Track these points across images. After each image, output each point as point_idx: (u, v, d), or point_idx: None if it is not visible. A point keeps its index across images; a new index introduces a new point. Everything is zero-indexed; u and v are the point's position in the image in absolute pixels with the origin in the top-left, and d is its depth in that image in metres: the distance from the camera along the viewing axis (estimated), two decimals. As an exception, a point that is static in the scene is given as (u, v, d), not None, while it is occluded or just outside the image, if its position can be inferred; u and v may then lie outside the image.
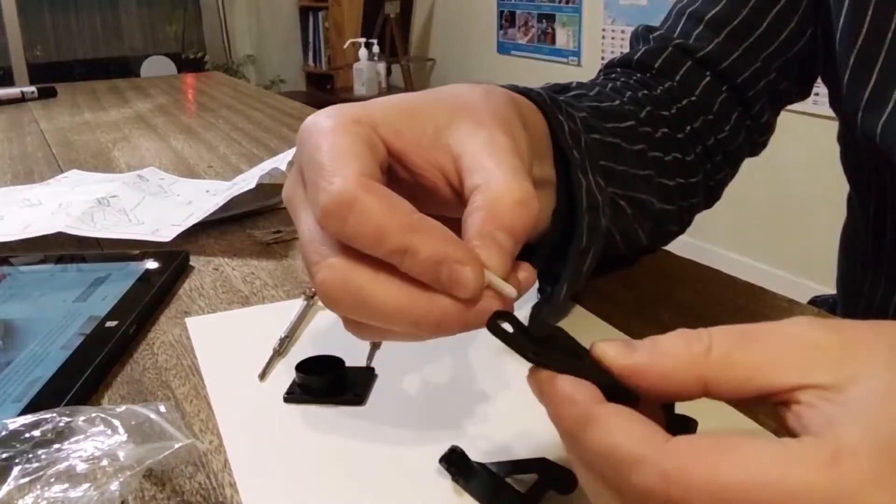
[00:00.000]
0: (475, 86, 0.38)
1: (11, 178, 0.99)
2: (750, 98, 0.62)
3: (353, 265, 0.30)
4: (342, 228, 0.29)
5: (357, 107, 0.34)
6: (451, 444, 0.37)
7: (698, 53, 0.61)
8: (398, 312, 0.30)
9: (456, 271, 0.29)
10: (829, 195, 2.35)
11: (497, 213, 0.31)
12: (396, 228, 0.29)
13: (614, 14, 3.13)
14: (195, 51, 4.73)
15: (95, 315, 0.54)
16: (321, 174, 0.30)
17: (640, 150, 0.55)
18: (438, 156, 0.34)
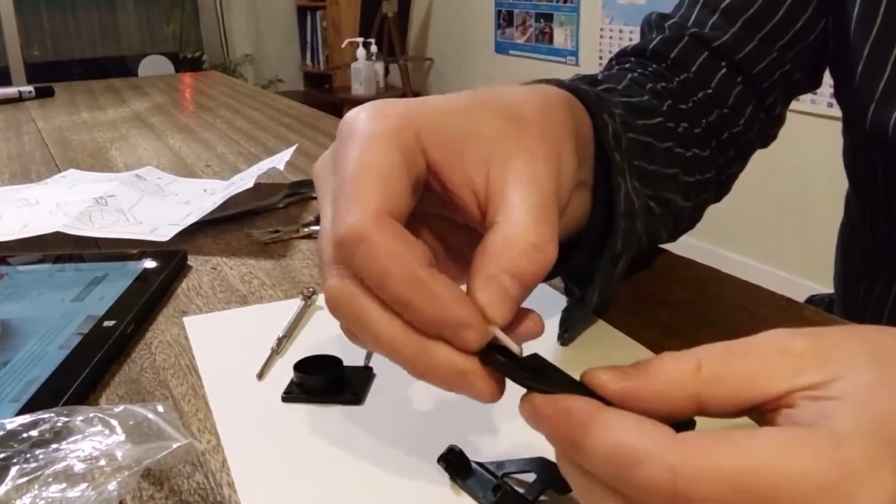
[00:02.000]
0: (535, 92, 0.36)
1: (9, 178, 0.99)
2: (764, 89, 0.62)
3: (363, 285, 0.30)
4: (349, 261, 0.29)
5: (405, 107, 0.33)
6: (448, 443, 0.37)
7: (714, 43, 0.60)
8: (389, 345, 0.29)
9: (457, 334, 0.28)
10: (827, 195, 2.35)
11: (508, 256, 0.30)
12: (400, 279, 0.28)
13: (612, 13, 3.13)
14: (193, 50, 4.73)
15: (93, 315, 0.53)
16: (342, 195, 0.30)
17: (667, 147, 0.54)
18: (474, 173, 0.32)
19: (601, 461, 0.25)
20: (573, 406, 0.26)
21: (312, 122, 1.30)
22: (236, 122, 1.33)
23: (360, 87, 4.11)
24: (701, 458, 0.23)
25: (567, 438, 0.26)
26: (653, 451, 0.24)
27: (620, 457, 0.24)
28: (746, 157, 0.65)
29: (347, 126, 0.32)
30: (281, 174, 0.89)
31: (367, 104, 0.33)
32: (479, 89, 0.36)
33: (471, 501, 0.36)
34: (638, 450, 0.24)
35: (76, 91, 1.72)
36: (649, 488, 0.23)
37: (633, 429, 0.25)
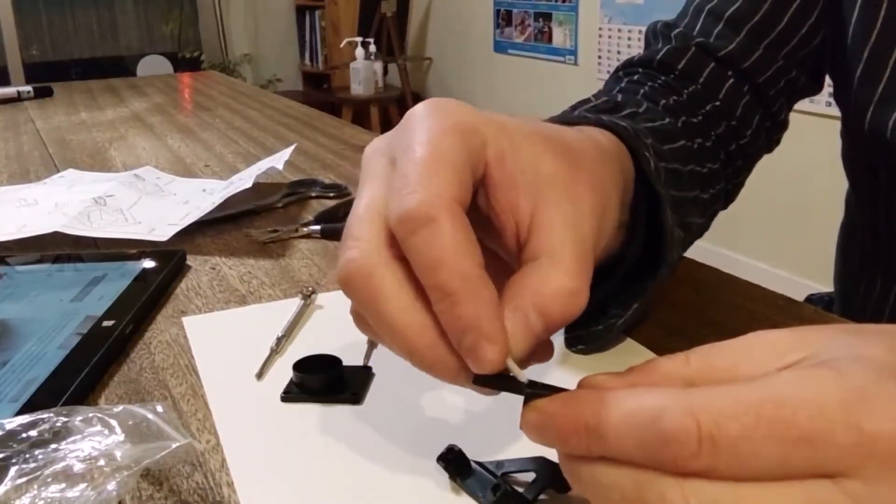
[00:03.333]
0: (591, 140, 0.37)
1: (8, 178, 0.99)
2: (770, 97, 0.62)
3: (387, 264, 0.29)
4: (407, 237, 0.28)
5: (473, 114, 0.32)
6: (448, 442, 0.37)
7: (720, 53, 0.60)
8: (399, 330, 0.29)
9: (480, 344, 0.28)
10: (826, 194, 2.35)
11: (541, 294, 0.29)
12: (454, 269, 0.27)
13: (611, 13, 3.13)
14: (192, 50, 4.73)
15: (92, 315, 0.53)
16: (415, 171, 0.29)
17: (690, 170, 0.55)
18: (523, 202, 0.32)
19: (622, 432, 0.24)
20: (581, 395, 0.26)
21: (311, 122, 1.30)
22: (235, 121, 1.33)
23: (359, 87, 4.11)
24: (720, 398, 0.23)
25: (582, 426, 0.26)
26: (671, 402, 0.24)
27: (641, 418, 0.24)
28: (752, 165, 0.66)
29: (417, 116, 0.32)
30: (280, 174, 0.89)
31: (435, 100, 0.32)
32: (542, 123, 0.36)
33: (470, 501, 0.36)
34: (656, 406, 0.24)
35: (75, 91, 1.72)
36: (675, 438, 0.23)
37: (646, 393, 0.25)
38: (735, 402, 0.23)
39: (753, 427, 0.23)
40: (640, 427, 0.24)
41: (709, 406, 0.23)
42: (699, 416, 0.23)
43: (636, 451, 0.24)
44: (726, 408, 0.23)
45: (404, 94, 4.26)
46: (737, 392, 0.24)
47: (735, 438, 0.23)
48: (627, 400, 0.25)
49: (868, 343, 0.25)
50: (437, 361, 0.29)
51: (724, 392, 0.24)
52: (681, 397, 0.24)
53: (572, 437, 0.26)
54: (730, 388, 0.24)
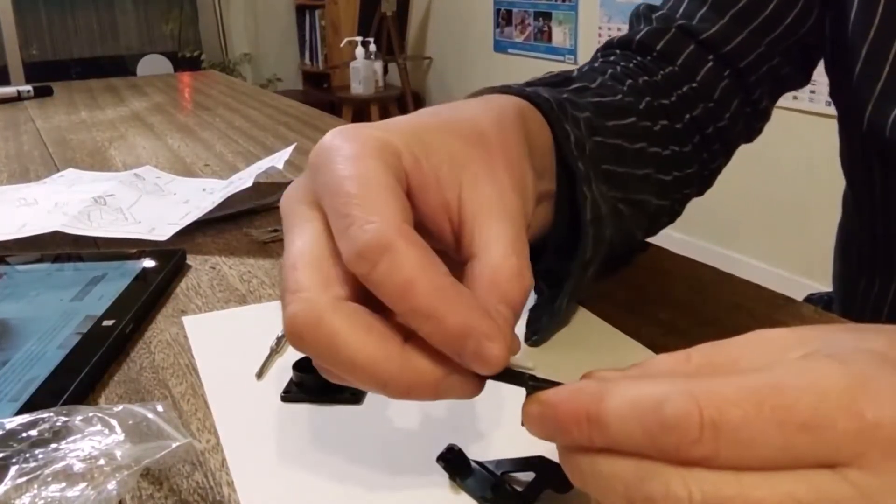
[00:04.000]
0: (491, 110, 0.36)
1: (7, 177, 0.99)
2: (751, 83, 0.61)
3: (333, 306, 0.28)
4: (369, 272, 0.27)
5: (377, 129, 0.32)
6: (448, 442, 0.37)
7: (702, 35, 0.60)
8: (368, 368, 0.28)
9: (483, 347, 0.27)
10: (825, 193, 2.35)
11: (499, 287, 0.30)
12: (427, 288, 0.27)
13: (611, 12, 3.13)
14: (192, 49, 4.73)
15: (92, 314, 0.53)
16: (356, 207, 0.28)
17: (640, 148, 0.54)
18: (449, 196, 0.32)
19: (624, 420, 0.24)
20: (582, 385, 0.26)
21: (311, 121, 1.30)
22: (235, 121, 1.33)
23: (359, 86, 4.11)
24: (722, 385, 0.24)
25: (583, 415, 0.25)
26: (673, 389, 0.24)
27: (643, 405, 0.24)
28: (731, 151, 0.65)
29: (326, 151, 0.31)
30: (280, 173, 0.89)
31: (338, 129, 0.32)
32: (439, 107, 0.36)
33: (470, 500, 0.36)
34: (658, 392, 0.24)
35: (75, 90, 1.72)
36: (677, 423, 0.23)
37: (648, 381, 0.25)
38: (737, 389, 0.23)
39: (755, 413, 0.23)
40: (642, 413, 0.24)
41: (711, 393, 0.23)
42: (701, 403, 0.23)
43: (638, 438, 0.24)
44: (728, 394, 0.23)
45: (404, 93, 4.26)
46: (739, 380, 0.24)
47: (737, 424, 0.23)
48: (629, 388, 0.25)
49: (868, 339, 0.25)
50: (414, 384, 0.29)
51: (726, 380, 0.24)
52: (683, 384, 0.24)
53: (573, 428, 0.26)
54: (732, 376, 0.24)
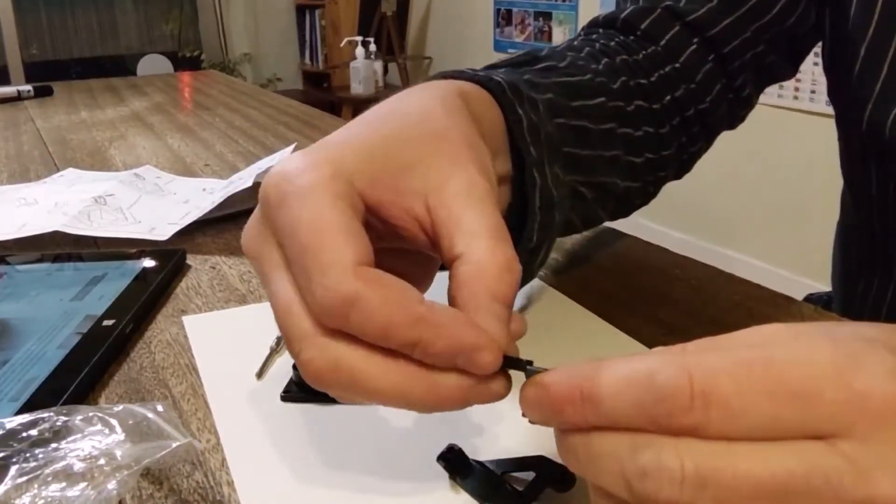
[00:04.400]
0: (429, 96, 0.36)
1: (7, 177, 0.99)
2: (734, 69, 0.60)
3: (345, 346, 0.28)
4: (344, 324, 0.27)
5: (325, 153, 0.31)
6: (448, 442, 0.37)
7: (688, 17, 0.59)
8: (396, 394, 0.28)
9: (474, 359, 0.28)
10: (825, 192, 2.35)
11: (487, 285, 0.30)
12: (405, 323, 0.27)
13: (611, 12, 3.13)
14: (192, 49, 4.73)
15: (92, 314, 0.54)
16: (311, 261, 0.28)
17: (608, 129, 0.53)
18: (413, 204, 0.31)
19: (616, 393, 0.25)
20: (576, 366, 0.27)
21: (311, 121, 1.30)
22: (235, 121, 1.33)
23: (359, 86, 4.11)
24: (714, 357, 0.24)
25: (577, 393, 0.26)
26: (664, 360, 0.24)
27: (635, 378, 0.24)
28: (712, 137, 0.63)
29: (275, 189, 0.30)
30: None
31: (284, 160, 0.31)
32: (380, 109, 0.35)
33: (470, 500, 0.36)
34: (650, 364, 0.24)
35: (75, 90, 1.72)
36: (669, 393, 0.23)
37: (640, 357, 0.25)
38: (728, 360, 0.24)
39: (746, 383, 0.23)
40: (635, 385, 0.24)
41: (702, 364, 0.24)
42: (693, 373, 0.24)
43: (631, 411, 0.24)
44: (720, 365, 0.24)
45: (404, 93, 4.26)
46: (730, 353, 0.24)
47: (727, 394, 0.23)
48: (621, 365, 0.25)
49: (862, 330, 0.25)
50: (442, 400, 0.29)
51: (717, 353, 0.24)
52: (674, 357, 0.24)
53: (567, 407, 0.26)
54: (724, 350, 0.24)
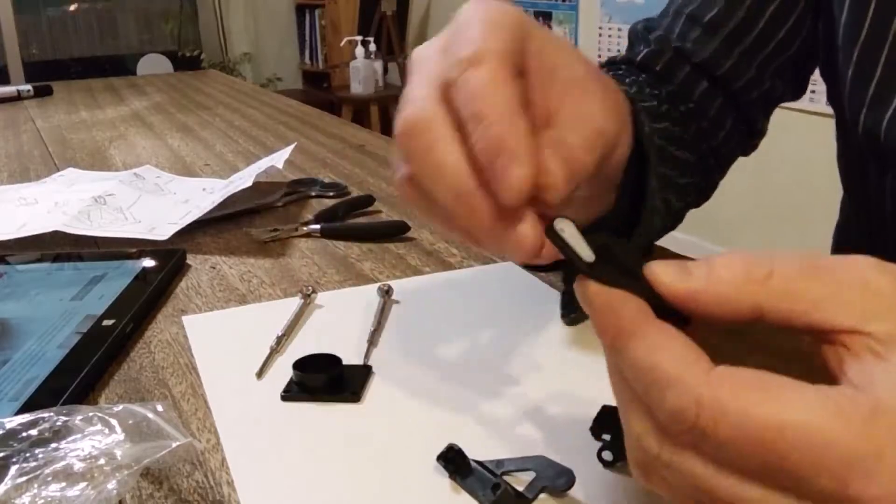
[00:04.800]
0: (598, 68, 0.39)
1: (7, 177, 0.99)
2: (744, 104, 0.63)
3: (441, 118, 0.31)
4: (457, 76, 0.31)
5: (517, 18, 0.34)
6: (448, 441, 0.37)
7: (696, 59, 0.61)
8: (450, 174, 0.30)
9: (509, 165, 0.29)
10: (825, 192, 2.34)
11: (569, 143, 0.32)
12: (490, 98, 0.30)
13: (611, 12, 3.13)
14: (191, 49, 4.72)
15: (92, 314, 0.53)
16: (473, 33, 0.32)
17: (672, 152, 0.56)
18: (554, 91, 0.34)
19: (637, 375, 0.25)
20: (623, 311, 0.27)
21: (311, 121, 1.30)
22: (235, 120, 1.33)
23: (359, 86, 4.10)
24: (730, 399, 0.23)
25: (611, 340, 0.26)
26: (685, 379, 0.24)
27: (654, 377, 0.25)
28: (726, 167, 0.66)
29: (468, 9, 0.34)
30: (280, 173, 0.89)
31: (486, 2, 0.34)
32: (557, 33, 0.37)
33: (470, 500, 0.36)
34: (671, 375, 0.24)
35: (75, 90, 1.72)
36: (673, 414, 0.24)
37: (673, 353, 0.25)
38: (741, 413, 0.23)
39: (743, 441, 0.23)
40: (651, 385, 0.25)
41: (716, 404, 0.23)
42: (703, 409, 0.23)
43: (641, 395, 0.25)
44: (731, 415, 0.23)
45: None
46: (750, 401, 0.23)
47: (723, 441, 0.23)
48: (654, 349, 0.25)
49: None
50: (478, 207, 0.30)
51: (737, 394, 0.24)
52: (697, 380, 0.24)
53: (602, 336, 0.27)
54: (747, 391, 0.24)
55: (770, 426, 0.23)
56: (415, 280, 0.61)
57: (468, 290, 0.59)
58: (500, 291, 0.59)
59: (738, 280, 0.26)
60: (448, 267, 0.64)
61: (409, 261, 0.65)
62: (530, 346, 0.50)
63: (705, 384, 0.24)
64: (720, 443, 0.23)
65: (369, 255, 0.67)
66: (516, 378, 0.46)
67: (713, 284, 0.26)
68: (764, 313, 0.26)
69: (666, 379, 0.24)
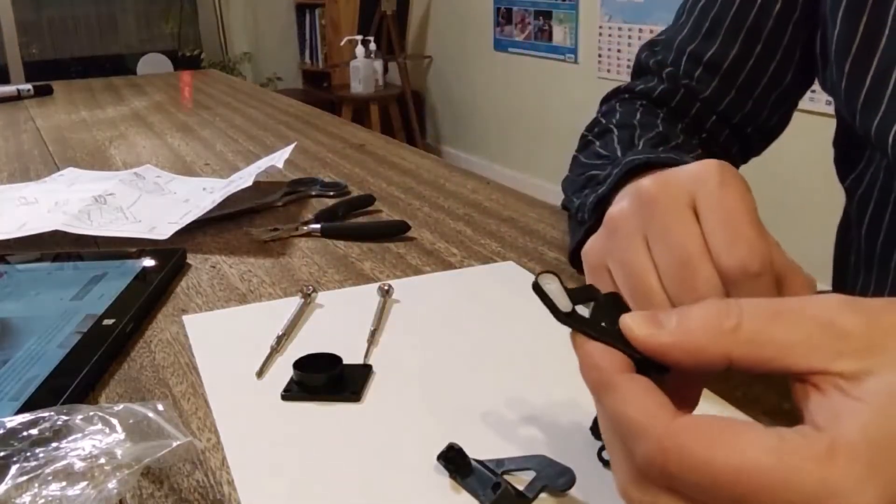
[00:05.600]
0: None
1: (8, 177, 0.99)
2: (743, 136, 0.68)
3: None
4: None
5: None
6: (448, 441, 0.37)
7: (701, 96, 0.66)
8: None
9: None
10: (824, 192, 2.34)
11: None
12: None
13: (611, 11, 3.13)
14: (191, 48, 4.72)
15: (92, 313, 0.53)
16: None
17: None
18: None
19: (611, 424, 0.28)
20: (600, 363, 0.28)
21: (311, 121, 1.30)
22: (235, 120, 1.33)
23: (359, 86, 4.10)
24: (693, 448, 0.24)
25: (591, 390, 0.29)
26: (649, 430, 0.26)
27: (625, 427, 0.26)
28: None
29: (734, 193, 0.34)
30: (280, 172, 0.89)
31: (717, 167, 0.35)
32: None
33: (470, 499, 0.36)
34: (637, 427, 0.26)
35: (75, 89, 1.72)
36: (644, 460, 0.25)
37: (639, 405, 0.26)
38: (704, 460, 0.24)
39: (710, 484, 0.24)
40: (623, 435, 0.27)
41: (680, 453, 0.25)
42: (668, 456, 0.25)
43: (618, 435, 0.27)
44: (695, 462, 0.24)
45: (404, 92, 4.26)
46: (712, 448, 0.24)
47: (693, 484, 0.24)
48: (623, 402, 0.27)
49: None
50: None
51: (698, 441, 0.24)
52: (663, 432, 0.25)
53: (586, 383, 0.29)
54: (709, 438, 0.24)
55: (728, 470, 0.24)
56: (415, 279, 0.61)
57: (468, 290, 0.59)
58: (500, 291, 0.59)
59: (707, 331, 0.27)
60: (448, 266, 0.64)
61: (409, 260, 0.65)
62: (530, 345, 0.50)
63: (669, 435, 0.25)
64: (690, 485, 0.25)
65: (369, 254, 0.67)
66: (516, 377, 0.46)
67: (684, 336, 0.28)
68: (734, 361, 0.27)
69: (634, 430, 0.26)
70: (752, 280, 0.32)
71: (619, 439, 0.27)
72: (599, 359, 0.28)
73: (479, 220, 0.75)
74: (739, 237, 0.33)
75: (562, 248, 0.66)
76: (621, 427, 0.27)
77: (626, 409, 0.27)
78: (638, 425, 0.26)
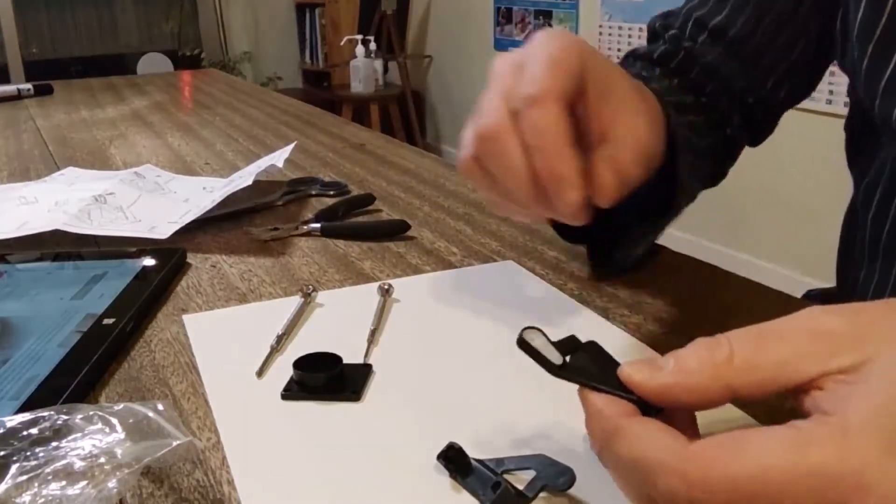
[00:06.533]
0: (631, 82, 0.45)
1: (8, 176, 0.99)
2: (745, 106, 0.66)
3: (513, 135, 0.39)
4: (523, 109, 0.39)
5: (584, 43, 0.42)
6: (448, 440, 0.37)
7: (702, 60, 0.65)
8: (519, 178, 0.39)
9: (563, 188, 0.38)
10: (827, 191, 2.35)
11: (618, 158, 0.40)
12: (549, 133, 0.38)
13: (611, 10, 3.13)
14: (192, 48, 4.72)
15: (92, 313, 0.54)
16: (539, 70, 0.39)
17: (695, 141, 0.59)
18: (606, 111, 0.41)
19: (626, 468, 0.27)
20: (605, 412, 0.29)
21: (311, 120, 1.30)
22: (235, 119, 1.33)
23: (359, 85, 4.10)
24: (712, 468, 0.25)
25: (597, 440, 0.29)
26: (667, 462, 0.26)
27: (643, 466, 0.27)
28: (736, 156, 0.70)
29: (542, 38, 0.42)
30: (280, 171, 0.89)
31: (555, 30, 0.43)
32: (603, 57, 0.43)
33: (470, 499, 0.36)
34: (655, 461, 0.26)
35: (75, 89, 1.72)
36: (667, 495, 0.25)
37: (651, 442, 0.27)
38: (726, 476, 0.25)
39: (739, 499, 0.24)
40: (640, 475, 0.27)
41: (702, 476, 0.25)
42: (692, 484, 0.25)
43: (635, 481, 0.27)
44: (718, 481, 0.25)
45: (404, 91, 4.25)
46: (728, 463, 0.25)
47: None
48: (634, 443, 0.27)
49: None
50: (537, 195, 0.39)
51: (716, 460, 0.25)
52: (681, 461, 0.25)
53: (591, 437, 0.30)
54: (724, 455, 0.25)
55: (754, 478, 0.24)
56: (415, 279, 0.61)
57: (468, 289, 0.59)
58: (500, 290, 0.59)
59: (705, 367, 0.28)
60: (448, 265, 0.64)
61: (409, 259, 0.65)
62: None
63: (686, 461, 0.25)
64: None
65: (369, 253, 0.67)
66: (516, 376, 0.46)
67: (683, 376, 0.28)
68: (735, 391, 0.27)
69: (651, 466, 0.26)
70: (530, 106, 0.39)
71: (637, 483, 0.27)
72: (604, 407, 0.29)
73: (479, 220, 0.75)
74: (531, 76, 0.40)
75: (561, 248, 0.66)
76: (638, 468, 0.27)
77: (642, 449, 0.27)
78: (656, 461, 0.26)
